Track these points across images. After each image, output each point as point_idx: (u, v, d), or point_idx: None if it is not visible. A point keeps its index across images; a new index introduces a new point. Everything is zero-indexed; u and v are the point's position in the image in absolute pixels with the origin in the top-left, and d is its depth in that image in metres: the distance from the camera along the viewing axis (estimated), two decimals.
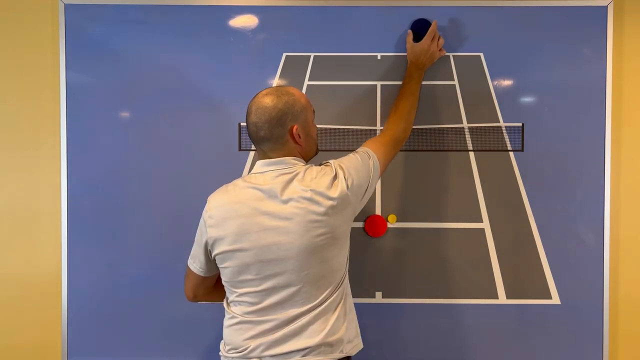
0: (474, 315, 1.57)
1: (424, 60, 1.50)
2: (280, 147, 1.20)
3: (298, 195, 1.13)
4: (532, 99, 1.58)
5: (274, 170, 1.18)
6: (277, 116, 1.17)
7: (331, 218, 1.14)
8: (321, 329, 1.15)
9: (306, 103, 1.24)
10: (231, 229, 1.16)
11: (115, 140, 1.59)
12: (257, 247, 1.14)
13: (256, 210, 1.15)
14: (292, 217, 1.12)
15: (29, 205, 1.63)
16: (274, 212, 1.14)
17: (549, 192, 1.58)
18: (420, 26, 1.53)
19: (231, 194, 1.20)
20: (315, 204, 1.13)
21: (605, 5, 1.57)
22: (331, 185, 1.15)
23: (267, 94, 1.20)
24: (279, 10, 1.59)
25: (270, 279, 1.15)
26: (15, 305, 1.64)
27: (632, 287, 1.61)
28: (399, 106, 1.43)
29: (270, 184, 1.16)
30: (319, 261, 1.15)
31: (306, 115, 1.22)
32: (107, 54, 1.58)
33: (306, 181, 1.15)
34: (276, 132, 1.18)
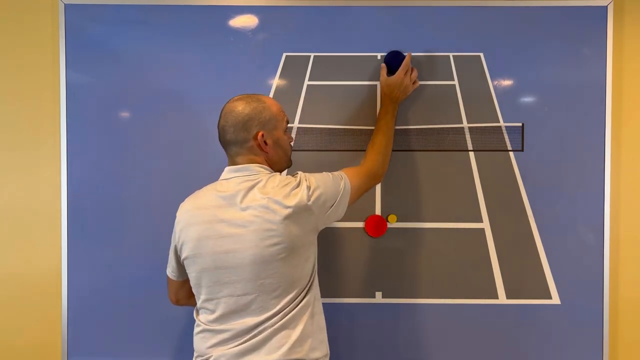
0: (474, 315, 1.57)
1: (397, 94, 1.47)
2: (245, 152, 1.20)
3: (256, 203, 1.13)
4: (532, 99, 1.58)
5: (238, 176, 1.19)
6: (242, 120, 1.19)
7: (287, 228, 1.12)
8: (281, 344, 1.12)
9: (277, 113, 1.24)
10: (193, 235, 1.17)
11: (115, 140, 1.59)
12: (215, 254, 1.15)
13: (215, 217, 1.15)
14: (248, 225, 1.12)
15: (29, 205, 1.63)
16: (232, 220, 1.14)
17: (549, 192, 1.58)
18: (393, 58, 1.52)
19: (197, 199, 1.21)
20: (271, 213, 1.12)
21: (605, 5, 1.57)
22: (289, 194, 1.13)
23: (238, 99, 1.22)
24: (279, 10, 1.59)
25: (227, 286, 1.15)
26: (15, 305, 1.64)
27: (632, 287, 1.61)
28: (376, 141, 1.41)
29: (233, 190, 1.16)
30: (273, 271, 1.13)
31: (275, 123, 1.23)
32: (107, 54, 1.58)
33: (266, 189, 1.14)
34: (241, 136, 1.19)
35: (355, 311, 1.58)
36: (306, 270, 1.19)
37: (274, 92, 1.59)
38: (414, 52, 1.58)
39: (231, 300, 1.15)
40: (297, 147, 1.58)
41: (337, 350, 1.58)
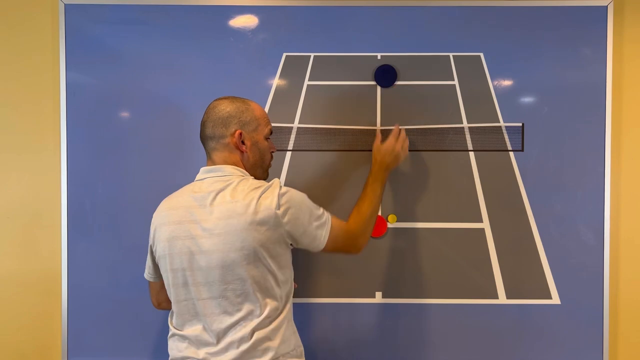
0: (474, 315, 1.57)
1: (388, 160, 1.40)
2: (220, 148, 1.20)
3: (224, 207, 1.11)
4: (532, 99, 1.58)
5: (211, 177, 1.18)
6: (223, 117, 1.19)
7: (251, 234, 1.10)
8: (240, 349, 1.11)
9: (261, 117, 1.24)
10: (164, 235, 1.17)
11: (115, 140, 1.59)
12: (184, 254, 1.14)
13: (187, 218, 1.15)
14: (215, 229, 1.11)
15: (29, 205, 1.63)
16: (202, 221, 1.13)
17: (549, 192, 1.58)
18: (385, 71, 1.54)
19: (172, 200, 1.21)
20: (237, 217, 1.10)
21: (605, 5, 1.57)
22: (258, 199, 1.11)
23: (224, 98, 1.24)
24: (279, 10, 1.59)
25: (195, 288, 1.14)
26: (15, 305, 1.64)
27: (632, 287, 1.61)
28: (362, 209, 1.31)
29: (205, 191, 1.15)
30: (237, 277, 1.11)
31: (256, 126, 1.22)
32: (107, 54, 1.58)
33: (236, 192, 1.13)
34: (218, 131, 1.19)
35: (355, 311, 1.58)
36: (275, 282, 1.15)
37: (274, 92, 1.59)
38: (414, 52, 1.59)
39: (198, 302, 1.14)
40: (297, 147, 1.58)
41: (337, 350, 1.58)
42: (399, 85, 1.59)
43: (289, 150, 1.58)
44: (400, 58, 1.59)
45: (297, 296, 1.58)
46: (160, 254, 1.19)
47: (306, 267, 1.57)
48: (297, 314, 1.58)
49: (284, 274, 1.17)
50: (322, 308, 1.58)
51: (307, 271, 1.58)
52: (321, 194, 1.57)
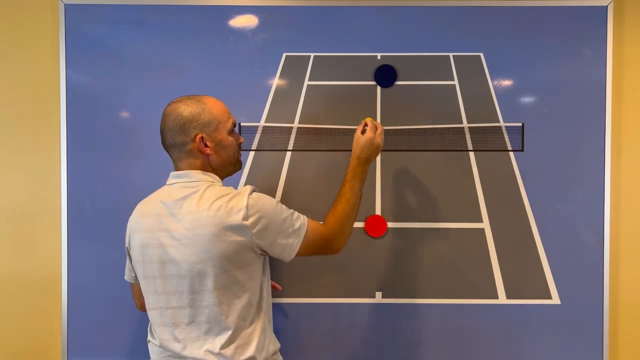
0: (474, 315, 1.57)
1: (367, 153, 1.29)
2: (184, 156, 1.16)
3: (190, 216, 1.09)
4: (532, 99, 1.58)
5: (179, 182, 1.15)
6: (180, 123, 1.14)
7: (215, 244, 1.07)
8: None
9: (219, 114, 1.18)
10: (137, 242, 1.16)
11: (115, 140, 1.59)
12: (155, 262, 1.12)
13: (156, 226, 1.13)
14: (182, 238, 1.09)
15: (29, 205, 1.63)
16: (170, 229, 1.11)
17: (549, 192, 1.58)
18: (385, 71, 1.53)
19: (144, 205, 1.19)
20: (202, 227, 1.07)
21: (605, 5, 1.57)
22: (224, 208, 1.08)
23: (177, 102, 1.18)
24: (279, 10, 1.59)
25: (166, 297, 1.12)
26: (15, 305, 1.64)
27: (632, 287, 1.61)
28: (338, 209, 1.24)
29: (174, 197, 1.13)
30: (205, 287, 1.09)
31: (217, 125, 1.17)
32: (107, 54, 1.58)
33: (202, 200, 1.10)
34: (179, 139, 1.15)
35: (355, 311, 1.58)
36: (245, 291, 1.12)
37: (273, 92, 1.59)
38: (414, 52, 1.59)
39: (167, 311, 1.13)
40: (297, 147, 1.58)
41: (337, 350, 1.58)
42: (399, 85, 1.59)
43: (289, 150, 1.58)
44: (400, 58, 1.59)
45: (297, 296, 1.58)
46: (135, 259, 1.18)
47: (306, 267, 1.57)
48: (297, 314, 1.58)
49: (254, 284, 1.14)
50: (322, 308, 1.58)
51: (307, 271, 1.58)
52: (321, 194, 1.57)
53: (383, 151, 1.58)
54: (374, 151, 1.31)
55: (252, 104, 1.58)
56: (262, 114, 1.58)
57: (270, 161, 1.58)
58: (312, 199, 1.58)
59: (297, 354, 1.57)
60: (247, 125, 1.59)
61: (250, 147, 1.58)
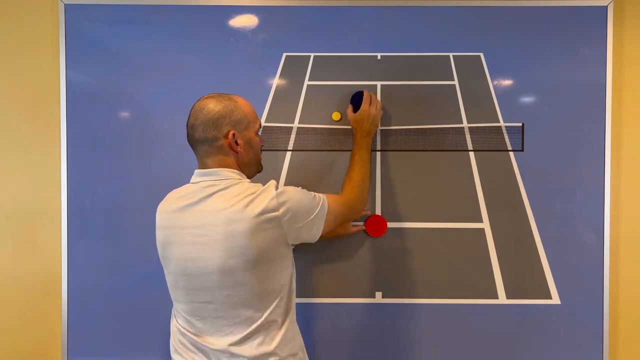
0: (474, 315, 1.57)
1: (367, 126, 1.43)
2: (214, 152, 1.15)
3: (219, 212, 1.08)
4: (532, 99, 1.58)
5: (206, 180, 1.14)
6: (213, 118, 1.14)
7: (249, 239, 1.07)
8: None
9: (250, 113, 1.20)
10: (159, 238, 1.18)
11: (115, 140, 1.59)
12: (180, 260, 1.12)
13: (178, 223, 1.13)
14: (210, 234, 1.08)
15: (29, 205, 1.63)
16: (194, 226, 1.10)
17: (549, 192, 1.58)
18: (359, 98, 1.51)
19: (166, 202, 1.20)
20: (233, 222, 1.07)
21: (605, 5, 1.57)
22: (254, 202, 1.08)
23: (209, 97, 1.18)
24: (279, 10, 1.59)
25: (194, 292, 1.13)
26: (15, 305, 1.64)
27: (632, 287, 1.61)
28: (353, 176, 1.37)
29: (198, 195, 1.12)
30: (237, 282, 1.09)
31: (247, 124, 1.18)
32: (107, 54, 1.58)
33: (230, 196, 1.09)
34: (210, 134, 1.14)
35: (355, 311, 1.58)
36: (276, 284, 1.14)
37: (273, 92, 1.59)
38: (414, 52, 1.59)
39: (195, 306, 1.13)
40: (297, 147, 1.58)
41: (337, 350, 1.58)
42: (399, 85, 1.59)
43: (289, 150, 1.58)
44: (400, 58, 1.59)
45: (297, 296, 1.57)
46: (160, 254, 1.20)
47: (306, 267, 1.57)
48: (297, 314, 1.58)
49: (284, 276, 1.16)
50: (322, 308, 1.58)
51: (307, 271, 1.58)
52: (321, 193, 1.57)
53: (383, 151, 1.58)
54: (371, 123, 1.44)
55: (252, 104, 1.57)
56: (262, 114, 1.58)
57: (270, 161, 1.58)
58: None
59: None
60: None
61: None
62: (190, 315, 1.15)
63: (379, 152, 1.59)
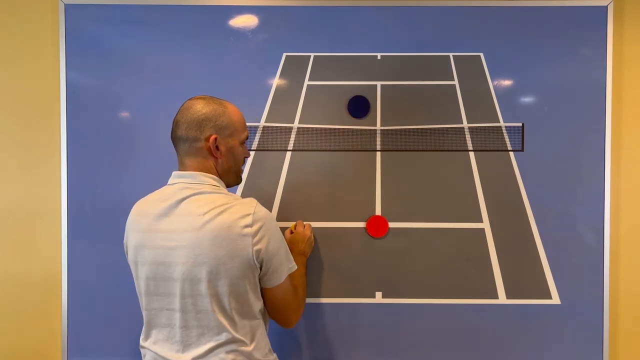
0: (474, 315, 1.57)
1: (303, 247, 1.41)
2: (194, 153, 1.14)
3: (191, 218, 1.07)
4: (532, 99, 1.58)
5: (182, 183, 1.14)
6: (198, 119, 1.13)
7: (213, 249, 1.05)
8: None
9: (237, 122, 1.18)
10: (133, 242, 1.15)
11: (115, 140, 1.59)
12: (151, 264, 1.11)
13: (152, 226, 1.11)
14: (179, 240, 1.07)
15: (29, 205, 1.63)
16: (167, 231, 1.09)
17: (549, 192, 1.58)
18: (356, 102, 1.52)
19: (142, 205, 1.17)
20: (201, 230, 1.06)
21: (605, 6, 1.57)
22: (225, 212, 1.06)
23: (199, 98, 1.17)
24: (279, 10, 1.59)
25: (159, 299, 1.12)
26: (15, 305, 1.64)
27: (632, 287, 1.61)
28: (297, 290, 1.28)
29: (173, 198, 1.11)
30: (197, 292, 1.07)
31: (233, 131, 1.17)
32: (107, 54, 1.58)
33: (204, 202, 1.08)
34: (192, 134, 1.13)
35: (355, 311, 1.58)
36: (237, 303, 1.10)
37: (273, 92, 1.59)
38: (414, 52, 1.59)
39: (164, 312, 1.12)
40: (297, 147, 1.58)
41: (337, 350, 1.58)
42: (399, 85, 1.59)
43: (289, 150, 1.58)
44: (400, 58, 1.59)
45: None
46: (130, 259, 1.17)
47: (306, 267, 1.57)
48: None
49: (249, 298, 1.11)
50: (322, 308, 1.58)
51: (307, 271, 1.58)
52: (321, 194, 1.57)
53: (383, 151, 1.58)
54: (308, 245, 1.44)
55: (252, 104, 1.58)
56: (262, 114, 1.58)
57: (270, 161, 1.58)
58: (312, 199, 1.58)
59: (296, 353, 1.57)
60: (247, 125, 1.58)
61: (251, 147, 1.58)
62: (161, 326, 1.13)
63: (379, 152, 1.59)
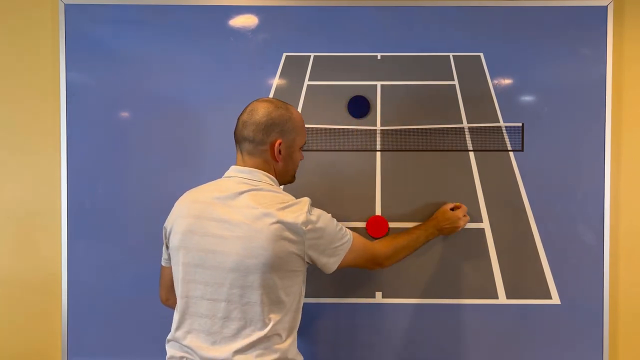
0: (474, 315, 1.57)
1: (446, 225, 1.48)
2: (256, 153, 1.18)
3: (247, 210, 1.09)
4: (532, 99, 1.58)
5: (240, 177, 1.17)
6: (266, 122, 1.16)
7: (268, 243, 1.07)
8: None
9: (300, 127, 1.22)
10: (181, 227, 1.15)
11: (115, 140, 1.59)
12: (197, 251, 1.12)
13: (205, 214, 1.13)
14: (234, 230, 1.09)
15: (29, 205, 1.63)
16: (220, 220, 1.11)
17: (549, 192, 1.58)
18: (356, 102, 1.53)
19: (196, 192, 1.19)
20: (259, 222, 1.08)
21: (605, 6, 1.57)
22: (284, 210, 1.10)
23: (268, 101, 1.20)
24: (279, 10, 1.59)
25: (202, 287, 1.12)
26: (15, 305, 1.64)
27: (632, 287, 1.61)
28: (399, 239, 1.38)
29: (230, 190, 1.13)
30: (248, 283, 1.09)
31: (295, 137, 1.21)
32: (107, 54, 1.58)
33: (262, 198, 1.11)
34: (259, 137, 1.16)
35: (355, 311, 1.58)
36: (285, 297, 1.12)
37: (274, 92, 1.59)
38: (414, 52, 1.59)
39: (204, 302, 1.12)
40: None
41: (337, 350, 1.58)
42: (399, 85, 1.59)
43: None
44: (400, 58, 1.59)
45: None
46: (174, 245, 1.16)
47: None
48: None
49: (295, 290, 1.15)
50: (322, 308, 1.58)
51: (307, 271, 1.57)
52: (321, 194, 1.57)
53: (383, 151, 1.58)
54: (451, 229, 1.49)
55: None
56: None
57: None
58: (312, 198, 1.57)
59: None
60: None
61: None
62: (199, 315, 1.13)
63: (379, 152, 1.59)
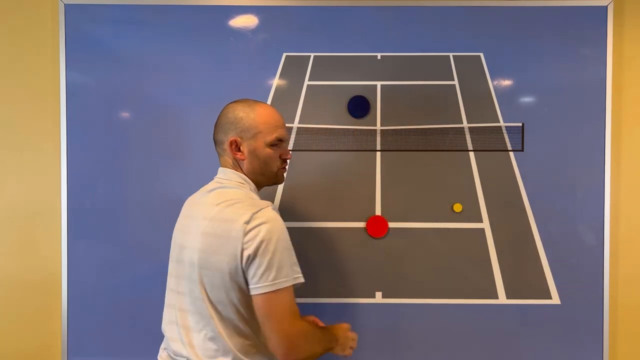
0: (474, 315, 1.57)
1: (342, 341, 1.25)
2: (222, 154, 1.22)
3: (207, 206, 1.14)
4: (532, 99, 1.58)
5: (217, 176, 1.23)
6: (224, 123, 1.20)
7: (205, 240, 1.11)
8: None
9: (262, 124, 1.17)
10: (177, 226, 1.25)
11: (115, 140, 1.59)
12: (177, 246, 1.20)
13: (187, 212, 1.22)
14: (196, 225, 1.14)
15: (29, 205, 1.63)
16: (192, 217, 1.18)
17: (549, 192, 1.58)
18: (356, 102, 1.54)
19: (194, 194, 1.26)
20: (210, 220, 1.11)
21: (605, 6, 1.57)
22: (229, 207, 1.10)
23: (234, 102, 1.22)
24: (279, 10, 1.59)
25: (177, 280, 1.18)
26: (15, 305, 1.64)
27: (632, 287, 1.61)
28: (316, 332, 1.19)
29: (206, 190, 1.20)
30: (193, 279, 1.12)
31: (255, 134, 1.17)
32: (107, 54, 1.58)
33: (223, 195, 1.14)
34: (219, 137, 1.21)
35: (355, 311, 1.58)
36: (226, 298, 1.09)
37: (273, 92, 1.59)
38: (414, 52, 1.59)
39: (171, 293, 1.20)
40: (297, 147, 1.58)
41: None
42: (399, 85, 1.59)
43: (289, 150, 1.58)
44: (400, 58, 1.59)
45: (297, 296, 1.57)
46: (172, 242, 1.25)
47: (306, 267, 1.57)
48: None
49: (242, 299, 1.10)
50: (322, 308, 1.58)
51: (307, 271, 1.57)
52: (321, 194, 1.57)
53: (383, 151, 1.58)
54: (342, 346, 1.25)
55: None
56: None
57: None
58: (312, 199, 1.58)
59: None
60: None
61: None
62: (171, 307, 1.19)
63: (379, 152, 1.59)
